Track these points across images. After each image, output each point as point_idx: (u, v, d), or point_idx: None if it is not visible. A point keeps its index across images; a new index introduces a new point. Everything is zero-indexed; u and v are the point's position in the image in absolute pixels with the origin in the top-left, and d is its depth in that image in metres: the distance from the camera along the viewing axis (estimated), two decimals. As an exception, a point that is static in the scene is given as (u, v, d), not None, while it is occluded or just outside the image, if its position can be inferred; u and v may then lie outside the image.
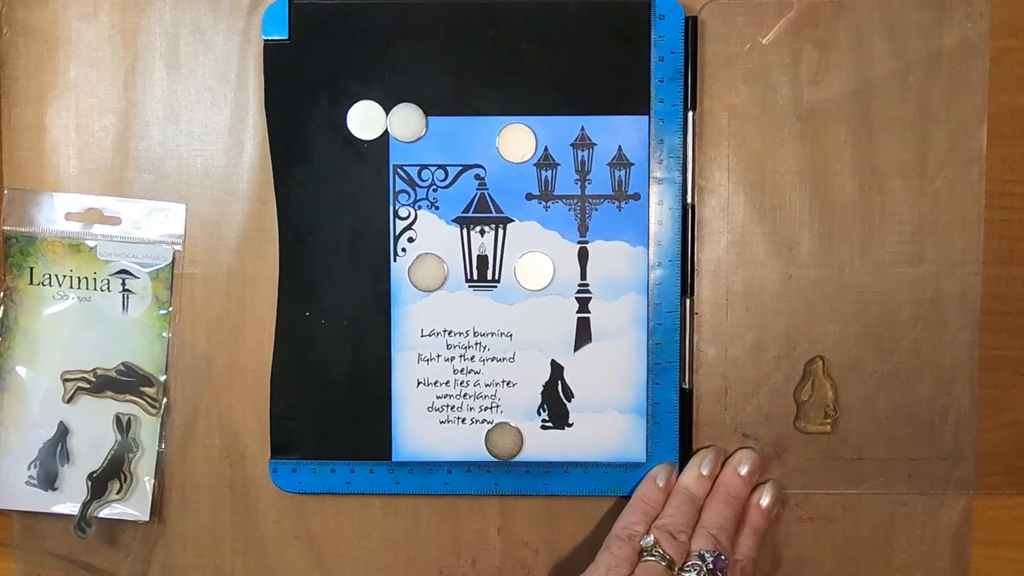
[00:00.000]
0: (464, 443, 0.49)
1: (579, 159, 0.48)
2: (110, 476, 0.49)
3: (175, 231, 0.49)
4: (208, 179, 0.49)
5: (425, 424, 0.49)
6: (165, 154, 0.49)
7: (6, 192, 0.49)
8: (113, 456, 0.49)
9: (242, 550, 0.50)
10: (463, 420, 0.49)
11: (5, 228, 0.49)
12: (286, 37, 0.48)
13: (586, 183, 0.48)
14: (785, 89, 0.49)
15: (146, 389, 0.49)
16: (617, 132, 0.48)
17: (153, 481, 0.49)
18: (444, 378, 0.49)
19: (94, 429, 0.49)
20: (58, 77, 0.49)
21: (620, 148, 0.48)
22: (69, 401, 0.49)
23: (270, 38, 0.48)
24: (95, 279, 0.49)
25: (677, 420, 0.49)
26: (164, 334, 0.49)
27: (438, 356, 0.49)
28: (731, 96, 0.49)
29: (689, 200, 0.48)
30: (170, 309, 0.49)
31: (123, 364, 0.49)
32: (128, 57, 0.49)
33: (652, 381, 0.49)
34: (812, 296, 0.49)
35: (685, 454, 0.49)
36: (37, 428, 0.49)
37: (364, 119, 0.48)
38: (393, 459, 0.49)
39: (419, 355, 0.49)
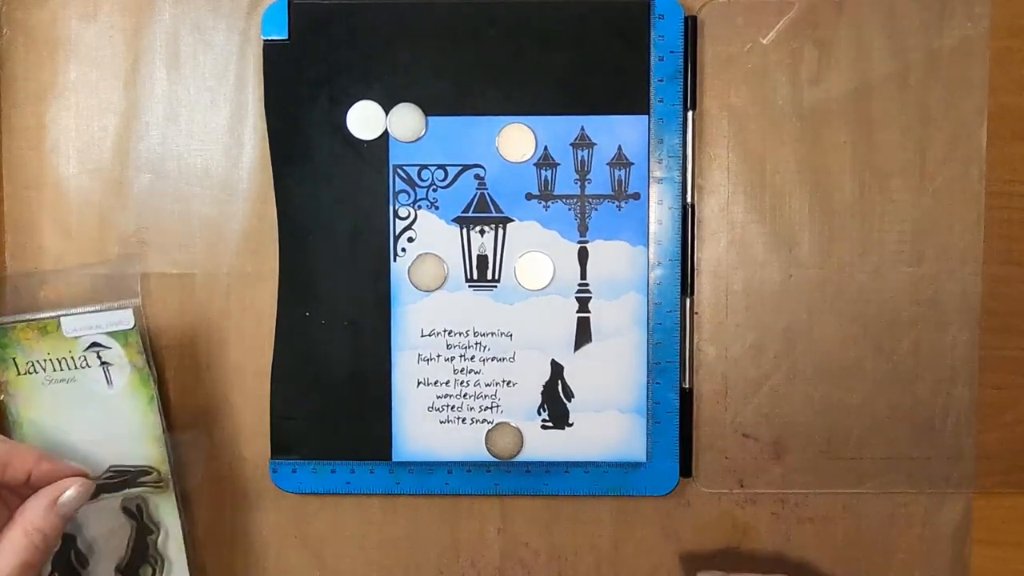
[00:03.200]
0: (464, 443, 0.49)
1: (579, 159, 0.48)
2: (140, 563, 0.48)
3: (130, 285, 0.49)
4: (208, 179, 0.49)
5: (425, 424, 0.49)
6: (165, 154, 0.49)
7: None
8: (135, 544, 0.48)
9: (242, 550, 0.50)
10: (463, 420, 0.49)
11: None
12: (286, 37, 0.48)
13: (586, 183, 0.48)
14: (785, 89, 0.49)
15: (145, 478, 0.47)
16: (617, 132, 0.48)
17: (185, 559, 0.48)
18: (444, 378, 0.49)
19: (106, 523, 0.48)
20: (58, 77, 0.49)
21: (620, 148, 0.48)
22: None
23: (270, 38, 0.48)
24: (72, 358, 0.48)
25: (677, 420, 0.49)
26: (152, 396, 0.48)
27: (438, 356, 0.49)
28: (731, 96, 0.49)
29: (689, 200, 0.48)
30: (151, 371, 0.48)
31: (110, 469, 0.47)
32: (128, 57, 0.49)
33: (652, 381, 0.49)
34: (812, 296, 0.49)
35: (685, 454, 0.49)
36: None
37: (364, 119, 0.48)
38: (393, 459, 0.49)
39: (419, 355, 0.49)
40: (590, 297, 0.49)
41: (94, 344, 0.48)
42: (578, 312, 0.49)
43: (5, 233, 0.50)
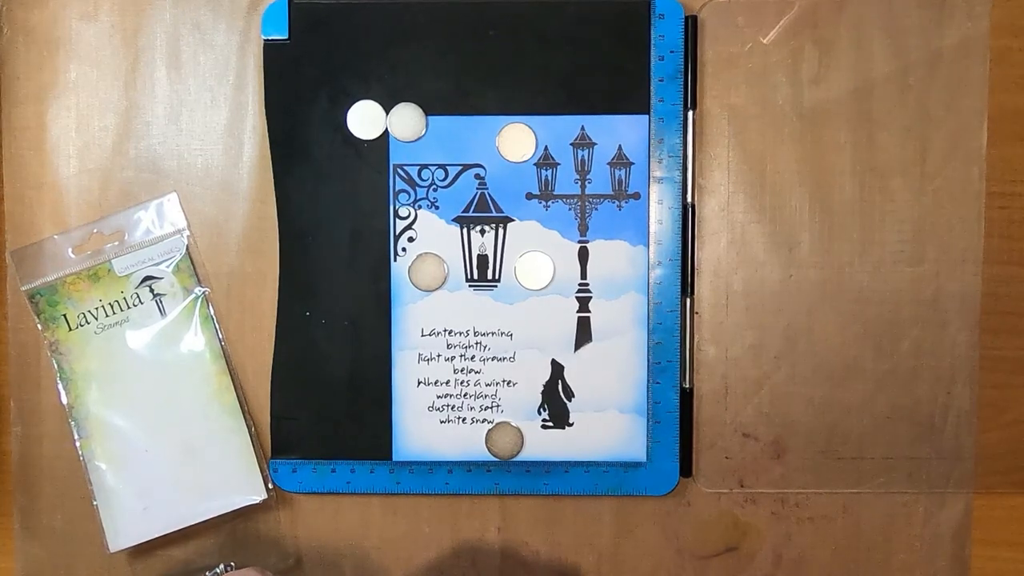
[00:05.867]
0: (464, 443, 0.49)
1: (579, 158, 0.48)
2: None
3: (177, 220, 0.49)
4: (208, 179, 0.49)
5: (425, 424, 0.49)
6: (165, 154, 0.49)
7: (9, 255, 0.49)
8: None
9: (242, 550, 0.50)
10: (463, 420, 0.49)
11: (25, 288, 0.49)
12: (286, 37, 0.48)
13: (586, 182, 0.48)
14: (785, 89, 0.49)
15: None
16: (617, 131, 0.48)
17: None
18: (444, 378, 0.49)
19: None
20: (58, 77, 0.49)
21: (620, 147, 0.48)
22: None
23: (270, 38, 0.48)
24: (125, 298, 0.49)
25: (677, 420, 0.49)
26: (209, 314, 0.49)
27: (438, 356, 0.49)
28: (731, 96, 0.49)
29: (689, 199, 0.48)
30: (204, 290, 0.49)
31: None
32: (128, 57, 0.49)
33: (652, 380, 0.49)
34: (812, 296, 0.49)
35: (685, 454, 0.49)
36: (137, 461, 0.49)
37: (364, 119, 0.48)
38: (393, 459, 0.49)
39: (419, 355, 0.49)
40: (590, 297, 0.49)
41: (146, 279, 0.49)
42: (578, 312, 0.49)
43: (5, 233, 0.50)
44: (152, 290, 0.49)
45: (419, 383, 0.49)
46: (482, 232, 0.49)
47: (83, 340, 0.49)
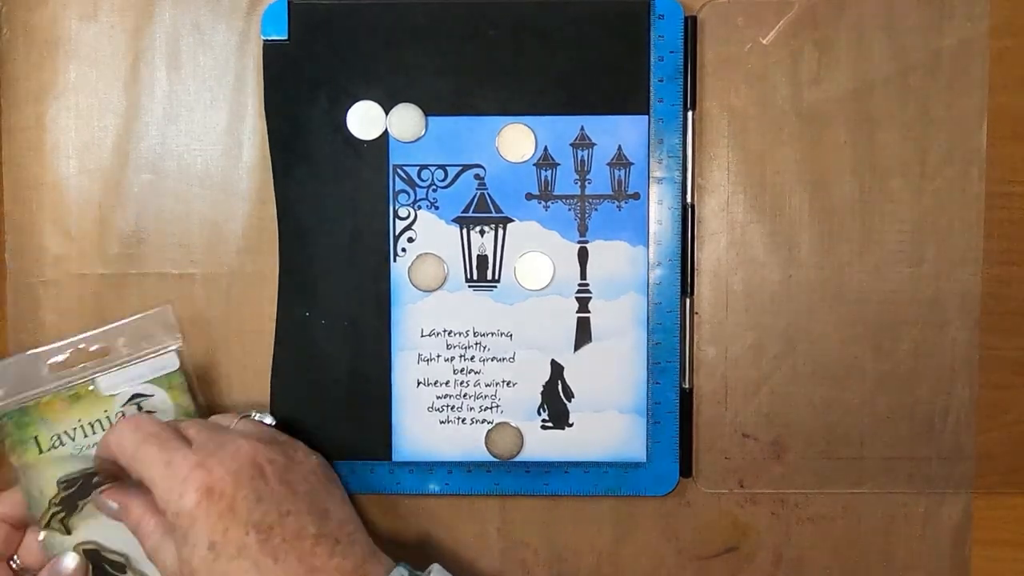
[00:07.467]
0: (464, 443, 0.49)
1: (579, 159, 0.48)
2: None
3: (170, 333, 0.47)
4: (208, 179, 0.49)
5: (425, 424, 0.49)
6: (165, 154, 0.49)
7: None
8: None
9: (242, 550, 0.50)
10: (463, 420, 0.49)
11: None
12: (285, 37, 0.48)
13: (586, 183, 0.48)
14: (785, 89, 0.49)
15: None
16: (617, 132, 0.48)
17: None
18: (444, 378, 0.49)
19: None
20: (58, 77, 0.49)
21: (620, 148, 0.48)
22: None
23: (269, 38, 0.48)
24: (109, 417, 0.45)
25: (677, 420, 0.49)
26: None
27: (438, 356, 0.49)
28: (731, 96, 0.49)
29: (689, 200, 0.48)
30: (197, 407, 0.47)
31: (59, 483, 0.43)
32: (128, 57, 0.49)
33: (652, 381, 0.49)
34: (812, 296, 0.49)
35: (685, 454, 0.49)
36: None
37: (364, 119, 0.48)
38: (393, 459, 0.49)
39: (419, 355, 0.49)
40: (590, 297, 0.49)
41: (135, 396, 0.45)
42: (578, 312, 0.49)
43: (5, 233, 0.50)
44: (140, 408, 0.46)
45: (419, 383, 0.49)
46: (482, 232, 0.49)
47: (58, 462, 0.44)
